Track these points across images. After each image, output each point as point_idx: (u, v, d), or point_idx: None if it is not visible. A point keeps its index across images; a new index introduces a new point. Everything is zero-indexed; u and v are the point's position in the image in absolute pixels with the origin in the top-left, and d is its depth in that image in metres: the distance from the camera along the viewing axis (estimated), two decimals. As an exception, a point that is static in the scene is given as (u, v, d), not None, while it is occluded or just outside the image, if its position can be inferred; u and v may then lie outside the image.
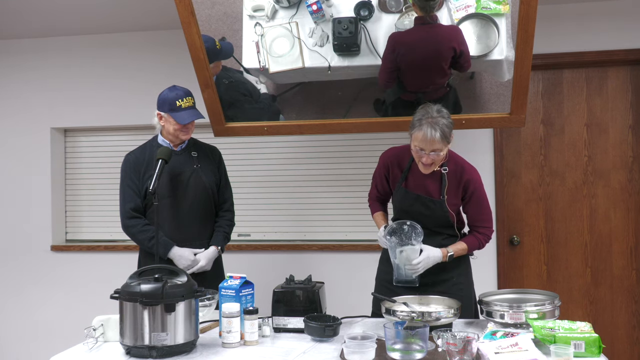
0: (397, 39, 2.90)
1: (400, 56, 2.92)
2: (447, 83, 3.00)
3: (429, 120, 2.44)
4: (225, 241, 2.97)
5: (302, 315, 2.32)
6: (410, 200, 2.65)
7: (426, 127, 2.43)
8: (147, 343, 2.02)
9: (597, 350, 1.92)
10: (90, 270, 4.18)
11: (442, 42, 2.87)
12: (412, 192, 2.64)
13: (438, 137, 2.43)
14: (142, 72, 4.12)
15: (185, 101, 2.80)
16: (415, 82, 3.02)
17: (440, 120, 2.45)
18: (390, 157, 2.73)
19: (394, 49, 2.91)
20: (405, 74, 2.98)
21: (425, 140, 2.44)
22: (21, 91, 4.30)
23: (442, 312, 2.28)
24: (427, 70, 2.94)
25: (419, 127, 2.45)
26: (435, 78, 2.97)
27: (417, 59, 2.91)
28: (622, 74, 3.77)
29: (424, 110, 2.49)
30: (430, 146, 2.45)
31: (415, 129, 2.47)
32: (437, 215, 2.62)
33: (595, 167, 3.79)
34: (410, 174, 2.67)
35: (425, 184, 2.63)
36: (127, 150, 3.01)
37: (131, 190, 2.85)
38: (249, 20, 3.04)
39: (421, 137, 2.44)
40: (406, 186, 2.67)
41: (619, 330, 3.76)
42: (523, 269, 3.84)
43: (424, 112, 2.48)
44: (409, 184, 2.67)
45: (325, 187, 4.01)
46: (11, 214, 4.29)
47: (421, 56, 2.90)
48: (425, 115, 2.47)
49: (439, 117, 2.46)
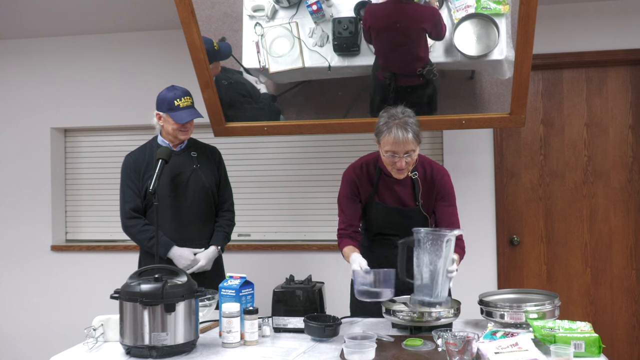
0: (371, 10, 2.87)
1: (372, 28, 2.89)
2: (422, 74, 2.95)
3: (396, 122, 2.32)
4: (225, 241, 2.97)
5: (302, 315, 2.32)
6: (387, 213, 2.58)
7: (395, 129, 2.31)
8: (147, 343, 2.02)
9: (597, 350, 1.92)
10: (90, 270, 4.18)
11: (412, 21, 2.84)
12: (388, 205, 2.56)
13: (410, 137, 2.32)
14: (142, 72, 4.12)
15: (184, 100, 2.79)
16: (386, 59, 2.97)
17: (408, 120, 2.34)
18: (357, 173, 2.59)
19: (366, 20, 2.88)
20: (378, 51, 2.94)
21: (398, 143, 2.32)
22: (21, 91, 4.30)
23: (442, 312, 2.28)
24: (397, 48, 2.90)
25: (387, 131, 2.33)
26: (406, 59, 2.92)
27: (388, 35, 2.88)
28: (622, 74, 3.77)
29: (388, 114, 2.38)
30: (403, 148, 2.33)
31: (383, 133, 2.34)
32: (415, 223, 2.52)
33: (595, 167, 3.79)
34: (381, 185, 2.56)
35: (398, 193, 2.55)
36: (127, 150, 3.01)
37: (131, 190, 2.85)
38: (249, 20, 3.04)
39: (393, 140, 2.32)
40: (379, 199, 2.57)
41: (619, 330, 3.76)
42: (523, 269, 3.84)
43: (389, 115, 2.37)
44: (381, 196, 2.57)
45: (325, 187, 4.00)
46: (11, 214, 4.29)
47: (391, 32, 2.87)
48: (391, 117, 2.35)
49: (406, 117, 2.34)
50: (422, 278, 2.12)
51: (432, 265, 2.10)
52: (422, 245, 2.14)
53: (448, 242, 2.14)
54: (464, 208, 3.74)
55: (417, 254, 2.15)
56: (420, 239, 2.17)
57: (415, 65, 2.93)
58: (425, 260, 2.11)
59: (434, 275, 2.10)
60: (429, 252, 2.11)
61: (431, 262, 2.10)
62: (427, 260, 2.11)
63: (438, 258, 2.10)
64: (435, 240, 2.11)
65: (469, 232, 3.73)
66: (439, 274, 2.11)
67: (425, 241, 2.13)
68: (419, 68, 2.94)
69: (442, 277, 2.14)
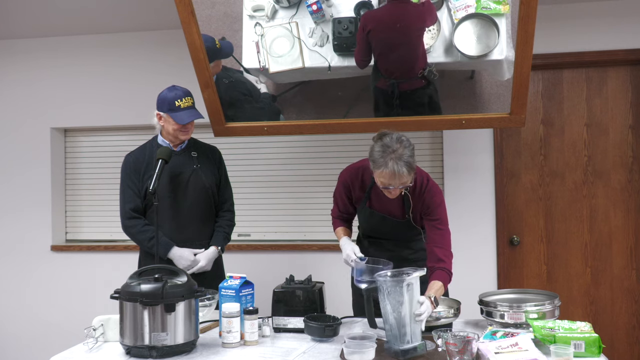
0: (367, 15, 2.86)
1: (370, 33, 2.87)
2: (423, 75, 2.95)
3: (392, 156, 2.29)
4: (226, 241, 2.97)
5: (302, 315, 2.33)
6: (376, 220, 2.61)
7: (391, 164, 2.28)
8: (147, 343, 2.02)
9: (597, 350, 1.92)
10: (90, 270, 4.18)
11: (412, 20, 2.83)
12: (378, 212, 2.58)
13: (405, 172, 2.30)
14: (142, 72, 4.12)
15: (185, 101, 2.79)
16: (388, 66, 2.97)
17: (404, 153, 2.30)
18: (351, 177, 2.62)
19: (365, 27, 2.87)
20: (379, 56, 2.94)
21: (393, 178, 2.31)
22: (21, 91, 4.30)
23: (442, 312, 2.28)
24: (397, 50, 2.90)
25: (384, 166, 2.30)
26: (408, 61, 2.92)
27: (387, 37, 2.87)
28: (622, 74, 3.77)
29: (382, 143, 2.34)
30: (398, 181, 2.32)
31: (379, 167, 2.32)
32: (404, 233, 2.60)
33: (595, 167, 3.79)
34: (373, 193, 2.58)
35: (388, 205, 2.55)
36: (127, 150, 3.01)
37: (131, 190, 2.84)
38: (249, 20, 3.04)
39: (388, 175, 2.31)
40: (370, 206, 2.60)
41: (619, 330, 3.76)
42: (523, 269, 3.84)
43: (384, 147, 2.32)
44: (372, 203, 2.59)
45: (325, 187, 4.00)
46: (11, 214, 4.29)
47: (391, 34, 2.86)
48: (386, 150, 2.31)
49: (401, 148, 2.31)
50: (391, 327, 2.03)
51: (395, 313, 2.02)
52: (383, 292, 2.05)
53: (410, 287, 2.04)
54: (464, 208, 3.76)
55: (381, 301, 2.07)
56: (380, 287, 2.07)
57: (416, 66, 2.93)
58: (389, 308, 2.03)
59: (400, 322, 2.01)
60: (390, 300, 2.03)
61: (394, 310, 2.02)
62: (390, 308, 2.03)
63: (400, 304, 2.01)
64: (394, 286, 2.02)
65: (469, 233, 3.75)
66: (405, 321, 2.01)
67: (384, 288, 2.04)
68: (420, 69, 2.94)
69: (410, 322, 2.03)
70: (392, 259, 2.44)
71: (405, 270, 2.10)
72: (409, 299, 2.02)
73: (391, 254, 2.56)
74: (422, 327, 2.07)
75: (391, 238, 2.62)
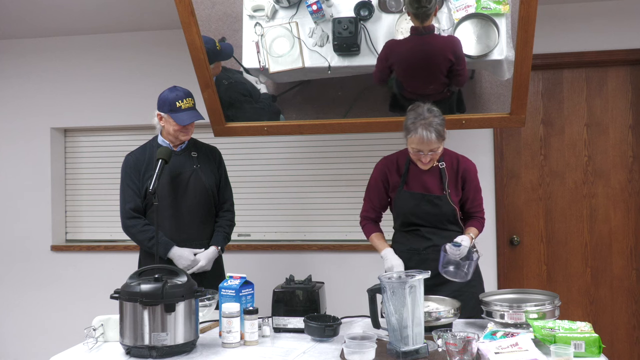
0: (391, 47, 2.91)
1: (394, 64, 2.94)
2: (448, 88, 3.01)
3: (422, 122, 2.50)
4: (226, 241, 2.97)
5: (302, 315, 2.33)
6: (415, 201, 2.68)
7: (421, 129, 2.49)
8: (147, 343, 2.02)
9: (597, 350, 1.92)
10: (90, 270, 4.18)
11: (437, 52, 2.89)
12: (416, 192, 2.68)
13: (434, 137, 2.50)
14: (142, 72, 4.12)
15: (186, 102, 2.79)
16: (412, 89, 3.05)
17: (434, 120, 2.51)
18: (388, 165, 2.77)
19: (387, 57, 2.92)
20: (402, 81, 3.01)
21: (422, 142, 2.51)
22: (21, 91, 4.30)
23: (442, 312, 2.28)
24: (422, 80, 2.98)
25: (414, 131, 2.51)
26: (432, 87, 2.99)
27: (411, 69, 2.95)
28: (622, 74, 3.77)
29: (415, 113, 2.55)
30: (427, 147, 2.53)
31: (410, 132, 2.54)
32: (443, 212, 2.66)
33: (595, 167, 3.79)
34: (409, 176, 2.71)
35: (426, 182, 2.68)
36: (127, 150, 3.01)
37: (131, 190, 2.85)
38: (249, 20, 3.04)
39: (418, 140, 2.52)
40: (408, 189, 2.70)
41: (619, 330, 3.76)
42: (523, 269, 3.84)
43: (416, 115, 2.54)
44: (409, 186, 2.70)
45: (325, 187, 4.01)
46: (11, 214, 4.29)
47: (415, 66, 2.94)
48: (417, 117, 2.52)
49: (431, 116, 2.52)
50: (392, 327, 2.03)
51: (397, 314, 2.01)
52: (387, 292, 2.04)
53: (413, 289, 2.02)
54: (464, 208, 3.76)
55: (384, 302, 2.06)
56: (384, 287, 2.06)
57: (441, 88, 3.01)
58: (391, 309, 2.02)
59: (402, 323, 2.00)
60: (392, 301, 2.02)
61: (396, 311, 2.01)
62: (392, 309, 2.02)
63: (402, 306, 2.00)
64: (398, 287, 2.01)
65: (469, 232, 3.74)
66: (406, 323, 2.00)
67: (387, 289, 2.04)
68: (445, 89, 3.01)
69: (412, 325, 2.01)
70: (429, 249, 2.63)
71: (409, 273, 2.10)
72: (411, 301, 2.02)
73: (429, 243, 2.66)
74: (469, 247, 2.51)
75: (428, 223, 2.67)
